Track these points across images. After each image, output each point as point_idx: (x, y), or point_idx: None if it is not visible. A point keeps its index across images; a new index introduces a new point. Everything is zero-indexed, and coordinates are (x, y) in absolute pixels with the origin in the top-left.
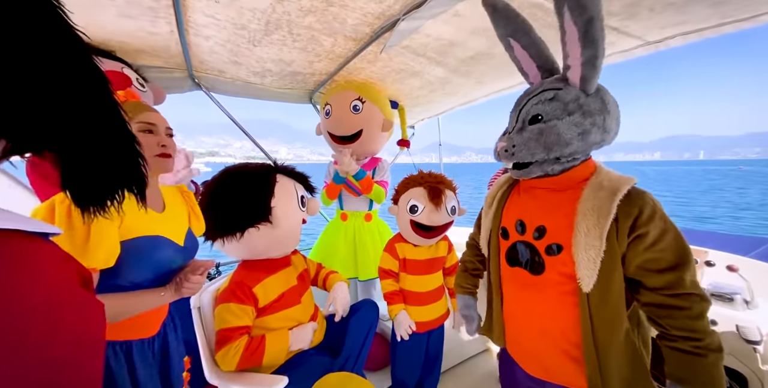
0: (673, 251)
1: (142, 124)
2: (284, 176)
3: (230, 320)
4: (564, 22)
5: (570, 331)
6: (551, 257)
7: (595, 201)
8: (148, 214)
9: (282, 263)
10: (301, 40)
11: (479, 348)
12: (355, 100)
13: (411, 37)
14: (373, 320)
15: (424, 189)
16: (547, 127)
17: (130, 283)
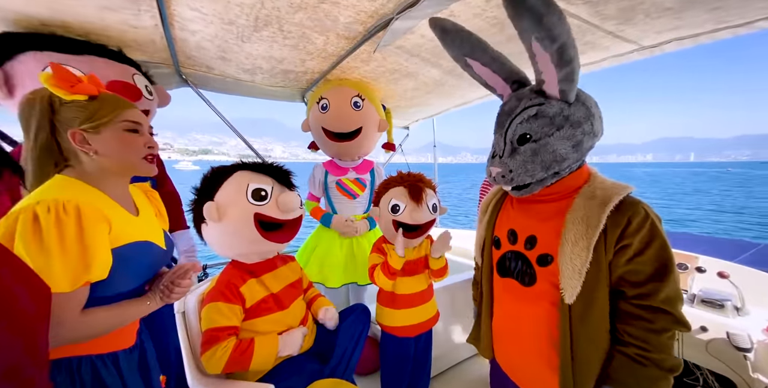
0: (652, 264)
1: (128, 124)
2: (248, 172)
3: (218, 319)
4: (533, 48)
5: (555, 346)
6: (543, 268)
7: (585, 210)
8: (129, 218)
9: (265, 267)
10: (292, 37)
11: (470, 353)
12: (356, 97)
13: (405, 37)
14: (365, 324)
15: (404, 188)
16: (539, 146)
17: (115, 293)
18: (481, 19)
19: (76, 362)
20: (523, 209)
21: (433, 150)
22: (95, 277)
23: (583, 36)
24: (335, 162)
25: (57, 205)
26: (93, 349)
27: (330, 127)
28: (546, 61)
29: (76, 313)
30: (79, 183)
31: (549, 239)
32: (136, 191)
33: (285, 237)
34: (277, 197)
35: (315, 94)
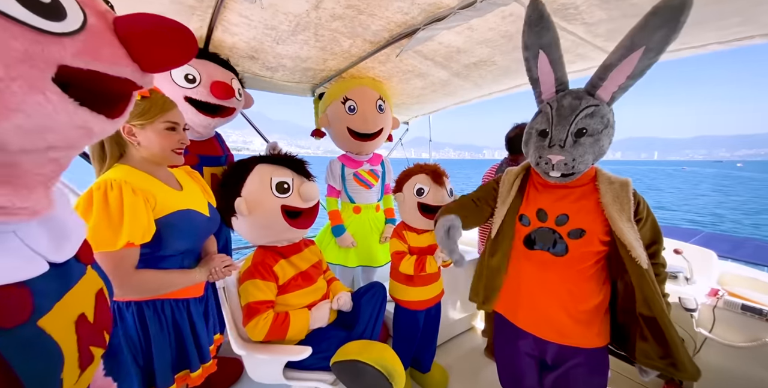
0: (652, 231)
1: (168, 123)
2: (267, 165)
3: (257, 294)
4: (626, 56)
5: (582, 300)
6: (574, 240)
7: (612, 193)
8: (173, 193)
9: (293, 250)
10: (323, 40)
11: (465, 327)
12: (379, 100)
13: (424, 43)
14: (384, 297)
15: (427, 175)
16: (594, 140)
17: (175, 251)
18: (495, 33)
19: (160, 304)
20: (549, 192)
21: (428, 145)
22: (137, 239)
23: (576, 48)
24: (350, 156)
25: (106, 183)
26: (172, 294)
27: (356, 128)
28: (624, 72)
29: (127, 270)
30: (128, 168)
31: (581, 217)
32: (180, 173)
33: (307, 223)
34: (299, 188)
35: (336, 92)
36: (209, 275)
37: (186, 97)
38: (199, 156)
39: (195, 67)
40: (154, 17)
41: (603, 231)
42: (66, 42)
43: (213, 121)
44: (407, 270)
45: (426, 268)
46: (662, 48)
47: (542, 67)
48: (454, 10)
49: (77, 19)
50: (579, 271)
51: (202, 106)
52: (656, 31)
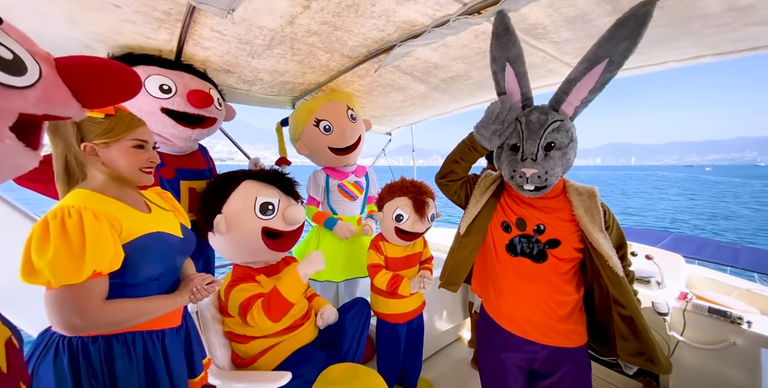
0: (617, 236)
1: (136, 141)
2: (254, 181)
3: (244, 294)
4: (590, 69)
5: (560, 304)
6: (552, 249)
7: (583, 204)
8: (140, 216)
9: (270, 271)
10: (300, 54)
11: (452, 338)
12: (349, 110)
13: (402, 59)
14: (367, 314)
15: (409, 199)
16: (562, 153)
17: (148, 277)
18: (469, 49)
19: (131, 337)
20: (526, 203)
21: (412, 155)
22: (105, 268)
23: (547, 64)
24: (334, 168)
25: (63, 211)
26: (144, 326)
27: (337, 145)
28: (586, 86)
29: (95, 302)
30: (87, 192)
31: (556, 228)
32: (150, 194)
33: (287, 246)
34: (284, 211)
35: (303, 116)
36: (191, 296)
37: (163, 108)
38: (176, 169)
39: (169, 77)
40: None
41: (577, 240)
42: (27, 93)
43: (194, 133)
44: (381, 285)
45: (399, 290)
46: (623, 61)
47: (509, 82)
48: (429, 28)
49: (35, 71)
50: (557, 275)
51: (181, 117)
52: (621, 43)
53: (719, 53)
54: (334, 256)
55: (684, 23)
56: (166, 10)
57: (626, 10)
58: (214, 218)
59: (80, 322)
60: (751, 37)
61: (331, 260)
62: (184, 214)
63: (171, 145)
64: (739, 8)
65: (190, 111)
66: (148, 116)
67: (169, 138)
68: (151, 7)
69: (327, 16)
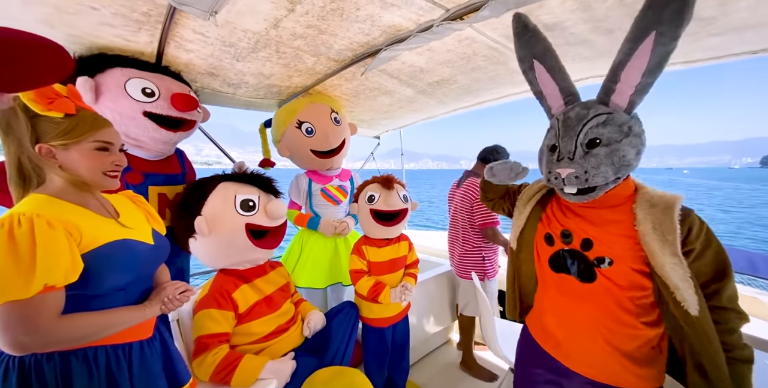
0: (713, 265)
1: (99, 143)
2: (231, 183)
3: (210, 326)
4: (635, 49)
5: (621, 337)
6: (602, 269)
7: (653, 219)
8: (104, 222)
9: (256, 272)
10: (286, 57)
11: (441, 341)
12: (333, 113)
13: (388, 63)
14: (355, 318)
15: (377, 183)
16: (611, 150)
17: (113, 288)
18: (454, 54)
19: (92, 352)
20: (575, 212)
21: (400, 158)
22: (59, 281)
23: None
24: (317, 172)
25: (11, 219)
26: (108, 339)
27: (319, 148)
28: (637, 67)
29: (47, 318)
30: (43, 197)
31: (607, 244)
32: (119, 198)
33: (273, 243)
34: (265, 206)
35: (286, 117)
36: (162, 306)
37: (146, 112)
38: (145, 174)
39: (150, 80)
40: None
41: (639, 261)
42: None
43: (175, 136)
44: (362, 291)
45: (379, 298)
46: (676, 31)
47: (542, 79)
48: (413, 32)
49: None
50: (614, 301)
51: (164, 120)
52: (665, 8)
53: (688, 61)
54: (318, 262)
55: None
56: (145, 11)
57: (601, 18)
58: (194, 221)
59: (29, 340)
60: (714, 46)
61: (316, 267)
62: (158, 219)
63: (148, 150)
64: (703, 19)
65: (174, 114)
66: (127, 120)
67: (148, 142)
68: (130, 8)
69: (312, 20)
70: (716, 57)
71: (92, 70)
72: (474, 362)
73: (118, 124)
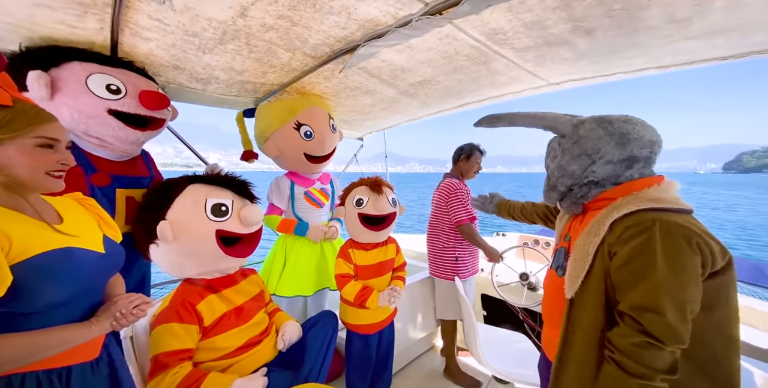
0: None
1: (42, 140)
2: (202, 185)
3: (170, 342)
4: None
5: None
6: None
7: (601, 219)
8: (43, 228)
9: (226, 282)
10: (258, 51)
11: (425, 347)
12: (330, 120)
13: (368, 61)
14: (334, 330)
15: (365, 186)
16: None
17: (51, 304)
18: (435, 53)
19: (19, 380)
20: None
21: (385, 160)
22: None
23: (509, 71)
24: (299, 174)
25: None
26: (42, 363)
27: (314, 153)
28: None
29: None
30: None
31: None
32: (64, 201)
33: (246, 251)
34: (239, 211)
35: (283, 115)
36: (113, 323)
37: (111, 110)
38: (112, 176)
39: (116, 76)
40: None
41: None
42: None
43: (143, 136)
44: (349, 296)
45: (367, 303)
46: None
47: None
48: (392, 27)
49: None
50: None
51: (131, 119)
52: None
53: (660, 66)
54: (305, 269)
55: (631, 34)
56: None
57: (580, 17)
58: (157, 225)
59: None
60: (688, 50)
61: (304, 275)
62: (112, 224)
63: (113, 150)
64: (678, 21)
65: (142, 113)
66: (88, 118)
67: (113, 142)
68: None
69: (282, 10)
70: (688, 62)
71: (46, 64)
72: (457, 369)
73: (76, 123)
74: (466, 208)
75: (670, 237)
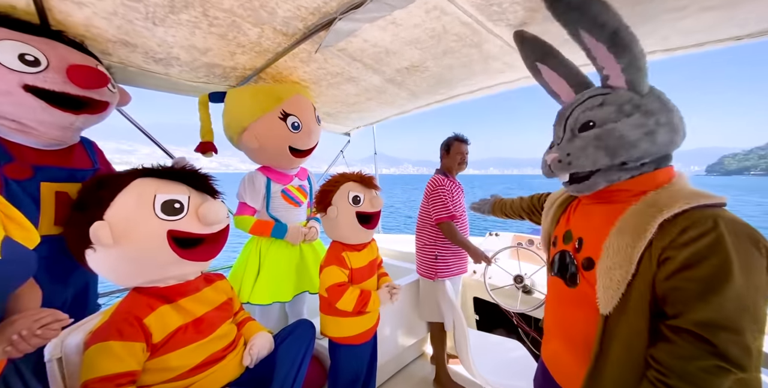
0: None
1: None
2: (151, 180)
3: (106, 365)
4: (586, 42)
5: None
6: (586, 272)
7: (638, 218)
8: None
9: (183, 290)
10: (220, 25)
11: (414, 355)
12: (316, 112)
13: (348, 40)
14: (309, 342)
15: (356, 182)
16: (603, 131)
17: None
18: (422, 30)
19: None
20: (584, 210)
21: (374, 158)
22: None
23: (504, 56)
24: (276, 170)
25: None
26: None
27: (300, 146)
28: (603, 53)
29: None
30: None
31: (593, 243)
32: None
33: (208, 253)
34: (197, 208)
35: (267, 103)
36: (9, 348)
37: (27, 85)
38: (35, 167)
39: (33, 45)
40: None
41: None
42: None
43: (78, 120)
44: (348, 306)
45: (368, 306)
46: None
47: (550, 78)
48: None
49: None
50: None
51: (57, 98)
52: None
53: (668, 49)
54: (283, 274)
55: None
56: None
57: None
58: (90, 227)
59: None
60: (703, 26)
61: (282, 279)
62: (24, 224)
63: (37, 136)
64: None
65: (72, 92)
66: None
67: (36, 126)
68: None
69: None
70: (699, 44)
71: None
72: (448, 379)
73: None
74: (446, 205)
75: (739, 239)
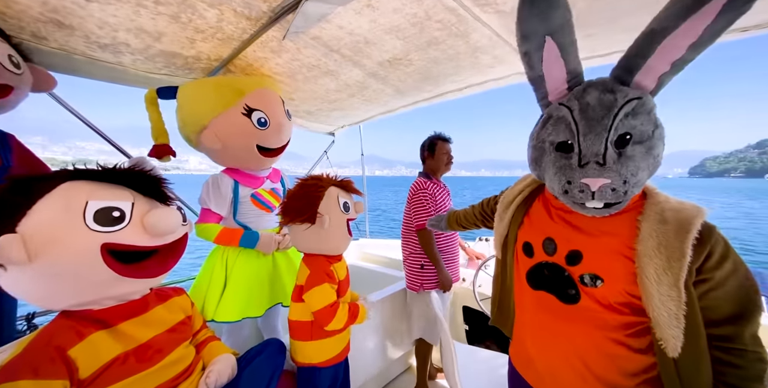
0: (733, 299)
1: None
2: (83, 183)
3: None
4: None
5: (605, 370)
6: (589, 288)
7: (659, 238)
8: None
9: (127, 312)
10: (168, 3)
11: (401, 369)
12: (283, 104)
13: (321, 27)
14: (278, 364)
15: (339, 188)
16: (647, 148)
17: None
18: (402, 17)
19: None
20: (564, 217)
21: (361, 159)
22: None
23: (493, 48)
24: (244, 171)
25: None
26: None
27: (269, 144)
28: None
29: None
30: None
31: (599, 259)
32: None
33: (159, 269)
34: (143, 217)
35: (228, 97)
36: None
37: None
38: None
39: None
40: None
41: (634, 282)
42: None
43: None
44: (339, 324)
45: (357, 320)
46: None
47: (548, 59)
48: None
49: None
50: (601, 328)
51: None
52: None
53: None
54: (255, 286)
55: None
56: None
57: None
58: None
59: None
60: None
61: (253, 293)
62: None
63: None
64: None
65: None
66: None
67: None
68: None
69: None
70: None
71: None
72: None
73: None
74: (427, 210)
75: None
